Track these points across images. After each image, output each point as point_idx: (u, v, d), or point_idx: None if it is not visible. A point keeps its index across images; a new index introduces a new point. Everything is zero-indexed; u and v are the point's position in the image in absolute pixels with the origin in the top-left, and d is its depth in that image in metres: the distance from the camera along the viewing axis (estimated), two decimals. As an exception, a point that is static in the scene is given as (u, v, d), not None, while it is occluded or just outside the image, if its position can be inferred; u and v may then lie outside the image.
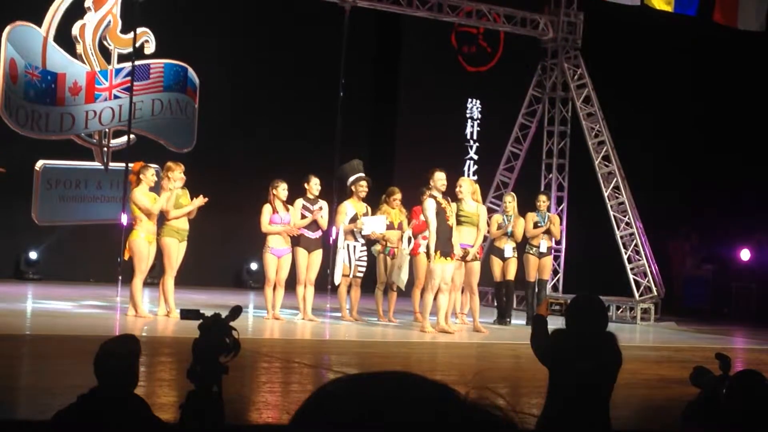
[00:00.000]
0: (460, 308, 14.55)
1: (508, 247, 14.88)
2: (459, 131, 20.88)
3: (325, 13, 17.51)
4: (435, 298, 12.91)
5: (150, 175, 12.53)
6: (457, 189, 13.27)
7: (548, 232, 15.23)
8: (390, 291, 14.12)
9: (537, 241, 15.17)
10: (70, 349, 9.52)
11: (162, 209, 12.47)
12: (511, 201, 15.08)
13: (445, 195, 12.88)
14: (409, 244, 13.63)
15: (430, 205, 12.68)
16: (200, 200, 12.61)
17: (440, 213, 12.67)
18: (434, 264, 12.68)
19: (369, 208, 13.93)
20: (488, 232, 15.05)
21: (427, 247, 12.83)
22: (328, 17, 17.48)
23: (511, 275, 14.93)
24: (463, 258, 13.15)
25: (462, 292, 14.59)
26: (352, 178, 13.84)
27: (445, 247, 12.68)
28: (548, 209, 15.71)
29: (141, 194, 12.40)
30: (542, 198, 15.51)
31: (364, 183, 13.74)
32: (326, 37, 17.99)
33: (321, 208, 13.40)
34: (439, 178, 12.79)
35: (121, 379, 4.16)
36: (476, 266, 13.62)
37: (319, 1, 16.90)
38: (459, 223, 13.14)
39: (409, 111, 20.43)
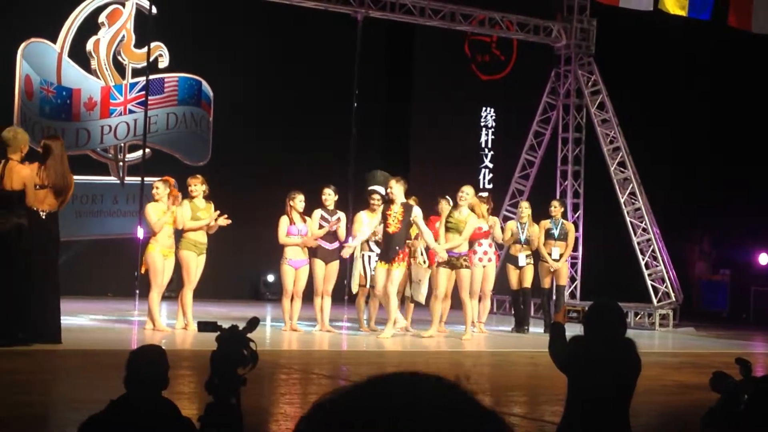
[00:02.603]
0: (477, 317, 14.53)
1: (522, 256, 14.86)
2: (473, 140, 20.88)
3: (337, 24, 17.55)
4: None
5: (161, 189, 12.48)
6: (460, 194, 13.34)
7: (564, 239, 15.10)
8: (407, 301, 14.09)
9: (549, 248, 15.10)
10: (90, 363, 9.54)
11: (175, 225, 12.48)
12: (525, 209, 15.05)
13: (407, 203, 12.93)
14: (422, 255, 13.57)
15: (378, 210, 13.01)
16: (217, 216, 12.61)
17: (384, 217, 12.84)
18: (376, 268, 12.97)
19: None
20: (502, 240, 15.05)
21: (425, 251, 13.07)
22: (340, 28, 17.52)
23: (527, 283, 14.90)
24: (451, 265, 13.21)
25: (479, 300, 14.58)
26: (369, 186, 13.84)
27: (383, 253, 12.86)
28: (563, 216, 15.59)
29: (152, 210, 12.42)
30: (555, 204, 15.44)
31: (376, 196, 13.64)
32: (339, 48, 18.03)
33: (339, 219, 13.40)
34: (389, 186, 12.91)
35: (152, 385, 4.19)
36: (464, 273, 13.44)
37: (332, 12, 16.94)
38: (447, 229, 13.22)
39: (424, 120, 20.44)
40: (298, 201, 13.19)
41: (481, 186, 20.32)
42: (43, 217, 10.26)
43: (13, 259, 9.94)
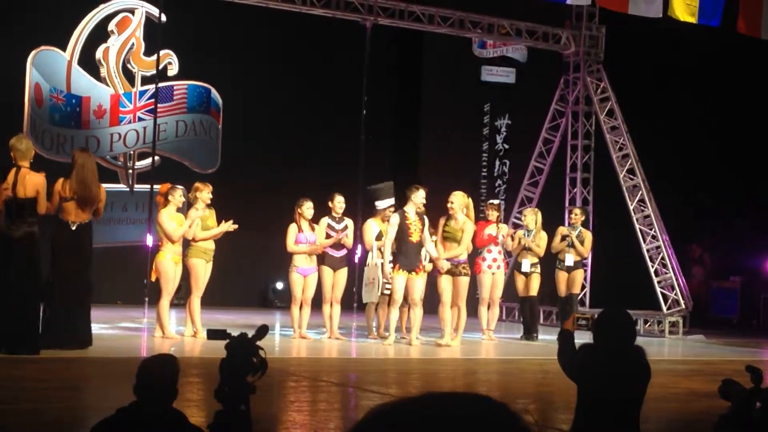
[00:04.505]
0: (486, 325, 14.51)
1: (526, 262, 14.83)
2: (483, 147, 20.86)
3: (346, 32, 17.56)
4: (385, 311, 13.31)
5: (178, 196, 12.60)
6: (449, 204, 13.28)
7: (574, 246, 15.08)
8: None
9: (563, 255, 15.10)
10: (99, 371, 9.55)
11: (185, 235, 12.50)
12: (530, 215, 15.03)
13: (420, 213, 12.89)
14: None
15: (393, 220, 12.88)
16: (228, 225, 12.64)
17: (403, 229, 12.73)
18: (395, 276, 12.83)
19: None
20: (511, 248, 15.04)
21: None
22: (349, 35, 17.53)
23: (533, 291, 14.86)
24: (450, 272, 13.15)
25: (488, 308, 14.55)
26: (383, 205, 13.66)
27: (406, 262, 12.75)
28: (584, 224, 15.49)
29: (167, 216, 12.44)
30: (576, 212, 15.46)
31: (393, 210, 13.56)
32: (348, 55, 18.04)
33: (347, 227, 13.39)
34: (420, 196, 12.86)
35: (161, 395, 4.19)
36: (463, 281, 13.39)
37: (341, 20, 16.96)
38: (444, 239, 13.20)
39: (433, 127, 20.43)
40: (306, 208, 13.17)
41: (494, 193, 20.33)
42: (74, 228, 10.56)
43: (24, 265, 10.02)
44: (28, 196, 10.07)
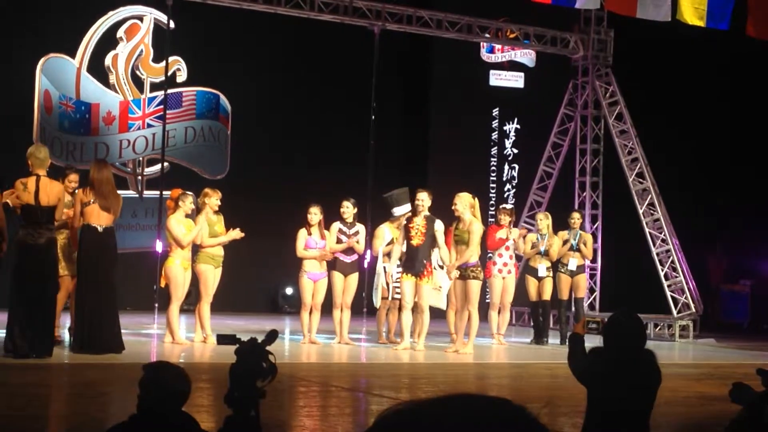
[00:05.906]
0: (497, 329, 14.49)
1: (542, 267, 14.83)
2: (491, 151, 20.86)
3: (354, 37, 17.58)
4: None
5: (188, 202, 12.59)
6: (453, 207, 13.08)
7: (580, 250, 15.09)
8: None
9: (567, 260, 15.07)
10: (109, 377, 9.56)
11: (194, 240, 12.51)
12: (543, 219, 15.02)
13: (429, 215, 12.76)
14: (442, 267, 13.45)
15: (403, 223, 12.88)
16: (236, 233, 12.63)
17: (406, 232, 12.72)
18: (402, 280, 12.80)
19: None
20: (523, 251, 15.03)
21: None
22: (357, 41, 17.55)
23: (546, 295, 14.86)
24: (461, 276, 12.98)
25: (499, 312, 14.54)
26: (401, 211, 13.46)
27: (408, 266, 12.72)
28: (582, 227, 15.53)
29: (176, 222, 12.45)
30: (575, 216, 15.43)
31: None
32: (356, 61, 18.06)
33: (358, 232, 13.37)
34: (418, 198, 12.80)
35: (163, 401, 4.20)
36: (474, 284, 12.96)
37: (349, 26, 16.98)
38: (456, 242, 13.03)
39: (441, 132, 20.44)
40: (312, 214, 13.13)
41: (504, 197, 20.34)
42: (100, 231, 10.83)
43: (46, 271, 10.19)
44: (51, 203, 10.24)
